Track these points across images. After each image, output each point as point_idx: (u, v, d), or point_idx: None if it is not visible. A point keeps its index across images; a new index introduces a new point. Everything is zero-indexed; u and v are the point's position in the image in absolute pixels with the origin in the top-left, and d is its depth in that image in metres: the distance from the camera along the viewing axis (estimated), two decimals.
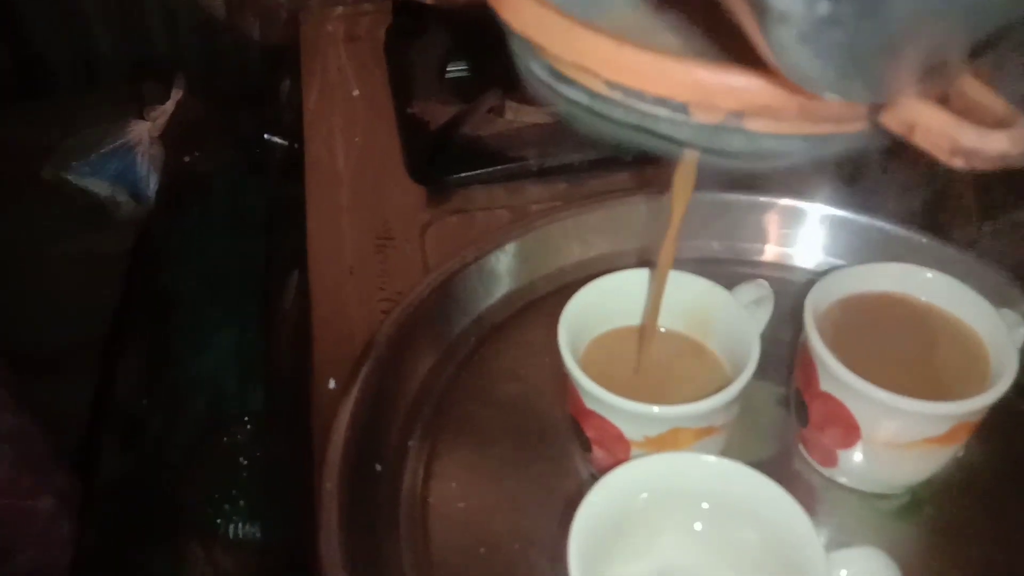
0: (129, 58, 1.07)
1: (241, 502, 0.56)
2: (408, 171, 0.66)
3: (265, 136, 0.76)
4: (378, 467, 0.42)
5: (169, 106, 0.99)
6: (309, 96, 0.76)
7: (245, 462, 0.58)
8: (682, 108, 0.25)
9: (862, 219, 0.52)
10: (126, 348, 0.73)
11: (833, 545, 0.32)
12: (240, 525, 0.55)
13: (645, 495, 0.33)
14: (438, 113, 0.71)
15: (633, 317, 0.43)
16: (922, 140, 0.22)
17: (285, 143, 0.77)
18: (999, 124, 0.22)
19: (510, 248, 0.52)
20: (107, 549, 0.58)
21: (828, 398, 0.38)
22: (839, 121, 0.25)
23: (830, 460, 0.41)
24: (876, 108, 0.23)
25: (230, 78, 0.97)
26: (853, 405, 0.38)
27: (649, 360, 0.40)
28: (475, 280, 0.51)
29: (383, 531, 0.40)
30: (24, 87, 1.09)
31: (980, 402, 0.36)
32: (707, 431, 0.37)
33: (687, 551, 0.35)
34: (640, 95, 0.25)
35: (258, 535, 0.55)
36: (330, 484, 0.38)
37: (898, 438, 0.37)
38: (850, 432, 0.38)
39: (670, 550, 0.35)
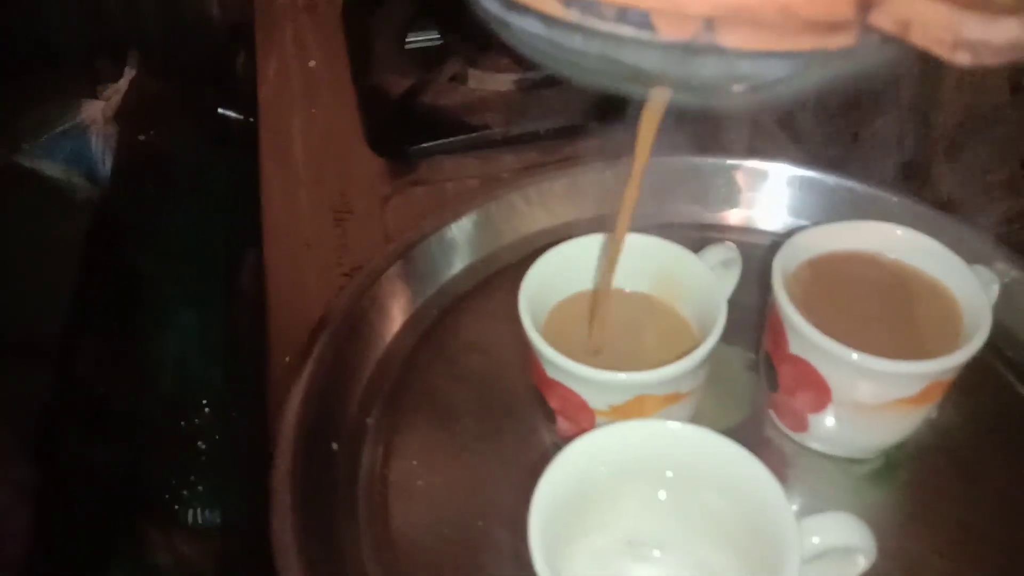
0: (82, 36, 1.04)
1: (199, 487, 0.54)
2: (368, 142, 0.64)
3: (219, 111, 0.73)
4: (335, 446, 0.40)
5: (123, 84, 0.95)
6: (265, 68, 0.73)
7: (203, 446, 0.56)
8: (646, 21, 0.22)
9: (830, 179, 0.51)
10: (86, 330, 0.70)
11: (805, 512, 0.31)
12: (199, 511, 0.53)
13: (605, 466, 0.32)
14: (399, 83, 0.69)
15: (596, 282, 0.41)
16: (920, 38, 0.20)
17: (240, 117, 0.75)
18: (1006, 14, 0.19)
19: (471, 217, 0.50)
20: (66, 536, 0.56)
21: (798, 361, 0.37)
22: (824, 30, 0.22)
23: (801, 425, 0.40)
24: (864, 5, 0.21)
25: (188, 54, 0.94)
26: (823, 367, 0.36)
27: (613, 325, 0.39)
28: (436, 250, 0.49)
29: (341, 512, 0.38)
30: None
31: (953, 360, 0.35)
32: (674, 397, 0.36)
33: (652, 521, 0.33)
34: (599, 9, 0.23)
35: (217, 521, 0.53)
36: (283, 465, 0.37)
37: (870, 399, 0.36)
38: (821, 395, 0.37)
39: (634, 521, 0.33)
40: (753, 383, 0.43)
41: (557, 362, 0.35)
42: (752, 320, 0.43)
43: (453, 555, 0.37)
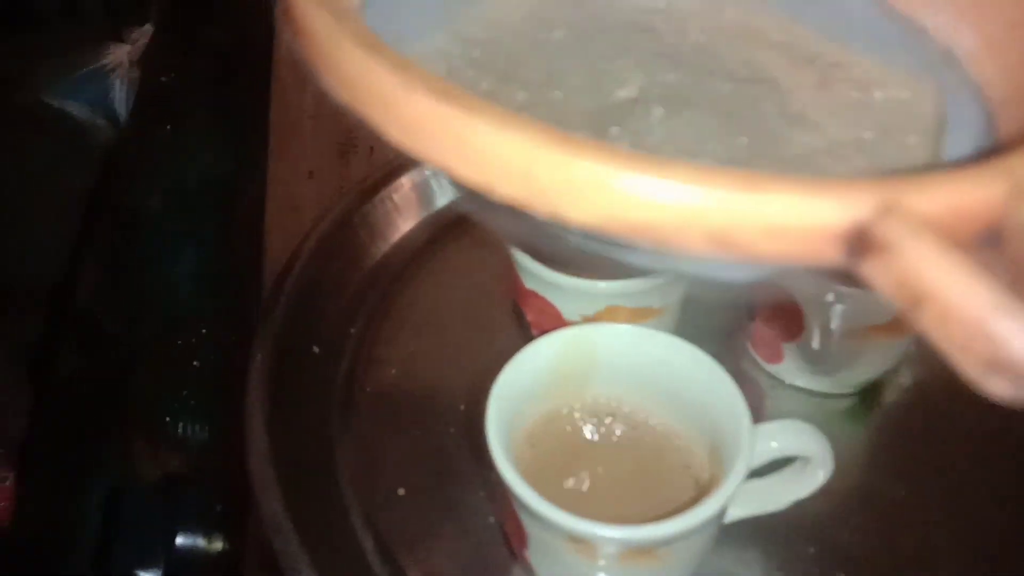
0: None
1: (191, 402, 0.55)
2: None
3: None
4: (316, 349, 0.41)
5: (148, 28, 0.97)
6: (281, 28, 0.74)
7: (198, 364, 0.58)
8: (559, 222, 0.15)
9: None
10: (87, 261, 0.72)
11: None
12: (188, 425, 0.54)
13: (564, 364, 0.33)
14: None
15: None
16: (935, 329, 0.12)
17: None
18: None
19: None
20: (53, 448, 0.58)
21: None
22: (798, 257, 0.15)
23: (776, 355, 0.40)
24: (854, 244, 0.13)
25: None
26: (798, 292, 0.37)
27: None
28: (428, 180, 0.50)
29: (314, 409, 0.39)
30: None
31: None
32: (645, 313, 0.37)
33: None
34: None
35: (205, 436, 0.54)
36: (261, 355, 0.38)
37: (843, 324, 0.36)
38: (795, 322, 0.38)
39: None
40: (733, 321, 0.44)
41: (534, 271, 0.36)
42: None
43: (420, 456, 0.38)
